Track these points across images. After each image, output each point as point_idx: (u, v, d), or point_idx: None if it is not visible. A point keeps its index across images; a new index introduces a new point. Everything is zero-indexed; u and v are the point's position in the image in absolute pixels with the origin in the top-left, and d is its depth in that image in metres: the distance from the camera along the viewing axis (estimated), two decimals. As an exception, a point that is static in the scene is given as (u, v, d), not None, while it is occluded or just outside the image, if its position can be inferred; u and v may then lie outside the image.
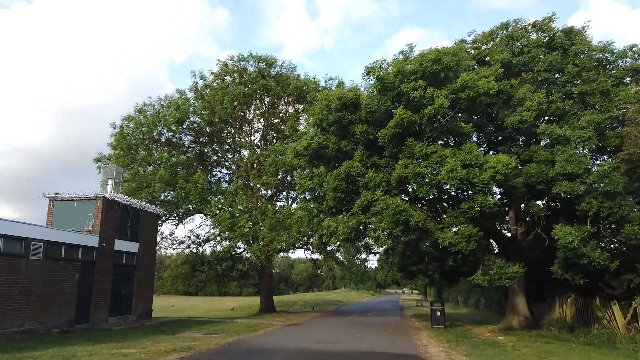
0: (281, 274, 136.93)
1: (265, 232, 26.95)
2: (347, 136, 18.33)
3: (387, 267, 79.06)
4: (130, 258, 24.29)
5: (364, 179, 16.93)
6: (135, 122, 31.55)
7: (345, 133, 18.25)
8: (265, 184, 29.07)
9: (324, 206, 18.53)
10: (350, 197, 17.91)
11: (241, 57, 31.65)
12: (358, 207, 16.74)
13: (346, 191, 17.81)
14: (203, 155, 35.02)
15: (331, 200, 17.85)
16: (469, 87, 15.55)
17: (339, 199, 17.82)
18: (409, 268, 28.03)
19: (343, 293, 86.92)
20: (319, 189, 18.48)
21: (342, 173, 17.34)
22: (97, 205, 21.97)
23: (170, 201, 29.69)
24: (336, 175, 17.61)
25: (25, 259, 17.29)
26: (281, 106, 33.78)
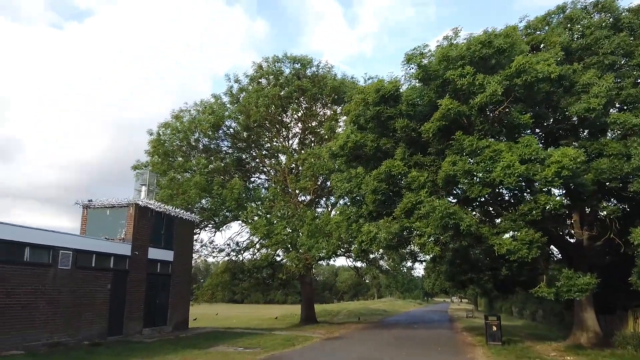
0: (325, 282, 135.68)
1: (304, 239, 25.61)
2: (387, 133, 16.71)
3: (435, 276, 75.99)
4: (165, 267, 23.53)
5: (406, 179, 15.26)
6: (171, 129, 31.15)
7: (385, 129, 16.64)
8: (302, 189, 27.79)
9: (363, 210, 16.95)
10: (391, 199, 16.26)
11: (276, 59, 30.66)
12: (400, 210, 15.07)
13: (387, 193, 16.18)
14: (241, 161, 34.23)
15: (370, 204, 16.26)
16: (525, 71, 13.60)
17: (379, 202, 16.20)
18: (459, 277, 25.89)
19: (389, 302, 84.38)
20: (357, 192, 16.93)
21: (382, 173, 15.72)
22: (130, 212, 21.31)
23: (206, 208, 28.93)
24: (375, 176, 16.01)
25: (53, 268, 16.68)
26: (318, 108, 32.52)
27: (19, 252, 15.42)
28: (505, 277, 23.09)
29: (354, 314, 46.76)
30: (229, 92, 30.91)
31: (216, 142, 33.11)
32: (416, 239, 14.65)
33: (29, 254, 15.74)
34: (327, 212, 25.47)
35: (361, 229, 16.32)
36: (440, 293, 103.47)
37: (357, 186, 16.87)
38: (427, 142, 15.84)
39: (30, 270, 15.75)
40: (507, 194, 17.07)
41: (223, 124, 30.82)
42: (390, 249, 16.17)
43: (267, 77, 30.59)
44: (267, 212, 27.63)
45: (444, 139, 15.14)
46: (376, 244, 15.96)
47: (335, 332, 24.93)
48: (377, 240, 15.68)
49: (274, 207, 28.60)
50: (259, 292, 42.92)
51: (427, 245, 14.48)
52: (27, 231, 15.78)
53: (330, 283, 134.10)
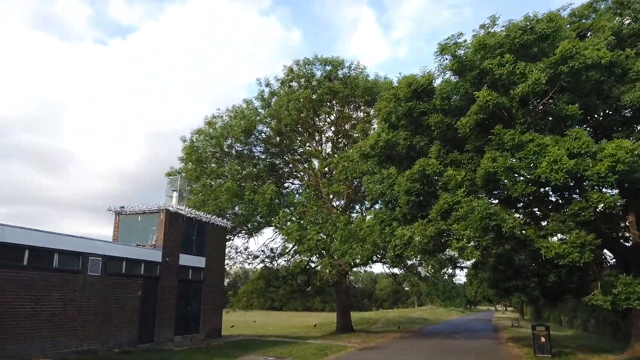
0: (364, 289, 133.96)
1: (337, 244, 24.79)
2: (420, 130, 15.74)
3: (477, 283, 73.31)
4: (197, 273, 23.24)
5: (442, 179, 14.26)
6: (204, 135, 31.10)
7: (418, 127, 15.69)
8: (335, 193, 27.02)
9: (397, 213, 16.00)
10: (426, 201, 15.25)
11: (307, 61, 30.13)
12: (436, 212, 14.07)
13: (421, 194, 15.19)
14: (274, 166, 33.84)
15: (404, 206, 15.30)
16: (572, 57, 12.37)
17: (414, 204, 15.22)
18: (503, 284, 24.38)
19: (429, 310, 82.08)
20: (390, 194, 16.00)
21: (416, 173, 14.76)
22: (160, 218, 21.13)
23: (238, 214, 28.60)
24: (409, 176, 15.06)
25: (83, 275, 16.55)
26: (351, 111, 31.74)
27: (47, 258, 15.36)
28: (553, 284, 21.50)
29: (392, 323, 45.41)
30: (260, 96, 30.58)
31: (249, 148, 32.85)
32: (454, 243, 13.58)
33: (58, 261, 15.66)
34: (361, 217, 24.54)
35: (395, 233, 15.37)
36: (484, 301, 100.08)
37: (389, 187, 15.95)
38: (463, 139, 14.78)
39: (59, 276, 15.65)
40: (553, 195, 15.77)
41: (254, 128, 30.49)
42: (426, 253, 15.14)
43: (299, 80, 30.08)
44: (300, 218, 27.00)
45: (482, 134, 14.05)
46: (411, 249, 14.97)
47: (371, 342, 23.92)
48: (411, 245, 14.70)
49: (306, 212, 27.95)
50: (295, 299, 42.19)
51: (467, 249, 13.39)
52: (55, 237, 15.71)
53: (369, 290, 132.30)
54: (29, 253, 14.69)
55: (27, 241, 14.60)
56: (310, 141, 32.25)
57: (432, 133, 15.46)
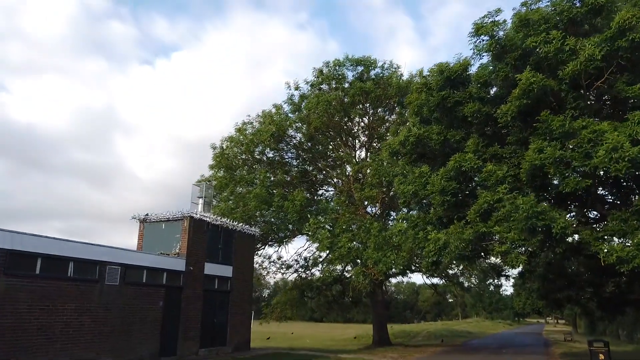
0: (406, 301, 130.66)
1: (370, 252, 23.31)
2: (455, 123, 14.21)
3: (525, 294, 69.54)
4: (223, 283, 22.29)
5: (480, 175, 12.69)
6: (234, 142, 30.43)
7: (453, 118, 14.17)
8: (368, 198, 25.59)
9: (431, 215, 14.48)
10: (463, 201, 13.68)
11: (337, 62, 28.99)
12: (475, 212, 12.50)
13: (458, 193, 13.64)
14: (306, 173, 32.78)
15: (438, 207, 13.77)
16: (632, 28, 10.63)
17: (449, 205, 13.67)
18: (553, 295, 22.21)
19: (475, 322, 78.50)
20: (423, 194, 14.50)
21: (451, 170, 13.26)
22: (184, 225, 20.34)
23: (267, 221, 27.61)
24: (443, 173, 13.56)
25: (100, 284, 15.84)
26: (384, 113, 30.33)
27: (61, 267, 14.69)
28: (611, 294, 19.28)
29: (434, 336, 43.15)
30: (290, 100, 29.62)
31: (280, 154, 31.97)
32: (496, 247, 11.96)
33: (73, 269, 14.98)
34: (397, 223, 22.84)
35: (428, 238, 13.85)
36: (533, 313, 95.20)
37: (422, 187, 14.46)
38: (504, 130, 13.17)
39: (74, 286, 14.96)
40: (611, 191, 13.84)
41: (285, 133, 29.55)
42: (465, 260, 13.54)
43: (329, 83, 28.95)
44: (331, 224, 25.70)
45: (526, 123, 12.42)
46: (446, 254, 13.40)
47: (408, 357, 22.22)
48: (447, 250, 13.14)
49: (338, 219, 26.63)
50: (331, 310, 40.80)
51: (511, 254, 11.74)
52: (70, 245, 15.07)
53: (411, 302, 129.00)
54: (42, 261, 14.07)
55: (39, 249, 13.97)
56: (343, 146, 31.01)
57: (469, 126, 13.91)
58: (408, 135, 14.62)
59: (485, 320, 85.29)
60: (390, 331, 43.45)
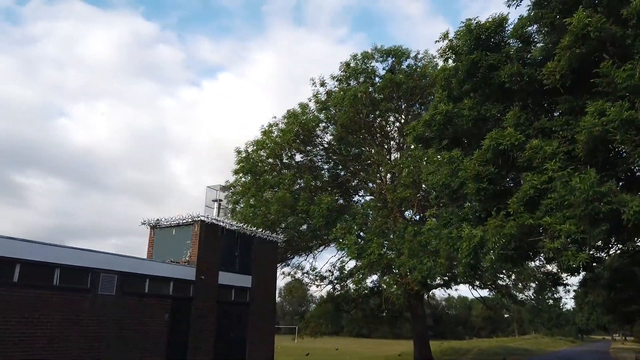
0: (458, 316, 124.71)
1: (404, 259, 20.75)
2: (490, 94, 11.68)
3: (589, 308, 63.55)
4: (241, 294, 20.33)
5: (523, 154, 10.09)
6: (260, 145, 28.73)
7: (487, 90, 11.65)
8: (401, 200, 23.03)
9: (466, 210, 11.92)
10: (503, 188, 11.08)
11: (365, 55, 26.77)
12: (518, 201, 9.91)
13: (496, 180, 11.06)
14: (338, 177, 30.61)
15: (473, 197, 11.23)
16: None
17: (486, 194, 11.09)
18: (622, 308, 18.79)
19: (533, 339, 72.79)
20: (455, 183, 11.97)
21: (488, 150, 10.74)
22: (194, 230, 18.62)
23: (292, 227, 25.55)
24: (478, 156, 11.05)
25: (92, 294, 14.23)
26: (419, 109, 27.77)
27: (45, 275, 13.15)
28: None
29: (486, 354, 39.43)
30: (315, 97, 27.59)
31: (309, 158, 30.01)
32: (547, 244, 9.30)
33: (60, 278, 13.44)
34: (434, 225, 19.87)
35: (461, 236, 11.30)
36: (598, 329, 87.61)
37: (453, 175, 11.95)
38: (552, 98, 10.52)
39: (60, 296, 13.40)
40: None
41: (311, 133, 27.58)
42: (508, 262, 10.90)
43: (357, 77, 26.76)
44: (361, 229, 23.33)
45: (580, 86, 9.75)
46: (484, 255, 10.80)
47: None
48: (484, 249, 10.56)
49: (369, 223, 24.22)
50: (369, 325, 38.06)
51: (567, 252, 9.05)
52: (56, 250, 13.54)
53: (463, 317, 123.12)
54: (21, 268, 12.60)
55: (17, 254, 12.52)
56: (375, 145, 28.63)
57: (507, 96, 11.33)
58: (434, 113, 12.19)
59: (544, 337, 79.07)
60: (438, 348, 40.07)
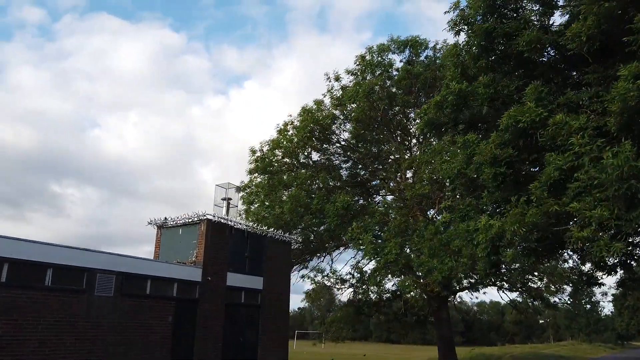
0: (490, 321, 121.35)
1: (424, 259, 19.45)
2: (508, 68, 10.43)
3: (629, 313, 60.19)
4: (252, 296, 19.45)
5: (546, 132, 8.83)
6: (275, 144, 27.87)
7: (504, 65, 10.41)
8: (420, 197, 21.71)
9: (484, 200, 10.66)
10: (524, 170, 9.82)
11: (382, 47, 25.54)
12: (541, 185, 8.65)
13: (516, 164, 9.81)
14: (356, 176, 29.48)
15: (490, 184, 9.98)
16: None
17: (504, 180, 9.84)
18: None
19: (569, 345, 69.45)
20: (470, 171, 10.74)
21: (505, 130, 9.52)
22: (201, 230, 17.87)
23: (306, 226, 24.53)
24: (494, 139, 9.83)
25: (88, 295, 13.57)
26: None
27: (36, 275, 12.56)
28: None
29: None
30: (329, 92, 26.52)
31: (326, 157, 29.00)
32: (575, 232, 8.02)
33: (52, 278, 12.82)
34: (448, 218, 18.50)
35: (478, 228, 10.07)
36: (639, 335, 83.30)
37: (468, 161, 10.73)
38: (579, 67, 9.22)
39: (53, 297, 12.78)
40: None
41: (326, 130, 26.57)
42: (532, 255, 9.58)
43: (373, 71, 25.57)
44: (379, 229, 22.12)
45: (610, 51, 8.44)
46: (505, 247, 9.54)
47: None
48: (503, 241, 9.31)
49: (388, 222, 22.99)
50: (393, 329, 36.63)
51: (599, 242, 7.75)
52: (48, 249, 12.94)
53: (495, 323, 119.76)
54: (9, 268, 12.01)
55: (5, 253, 11.95)
56: (393, 142, 27.37)
57: (527, 70, 10.06)
58: (446, 93, 11.01)
59: (582, 344, 75.43)
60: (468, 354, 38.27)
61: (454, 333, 65.20)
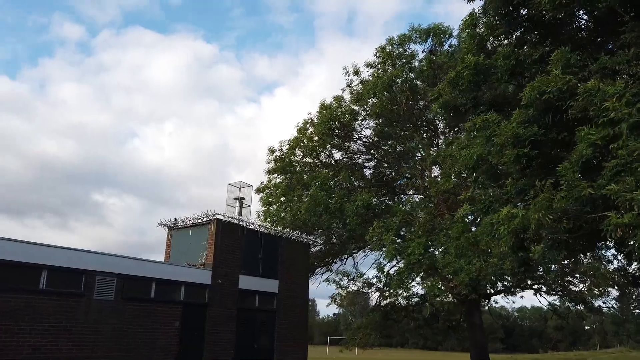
0: (532, 327, 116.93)
1: (450, 258, 18.06)
2: (531, 35, 9.08)
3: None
4: (267, 300, 18.48)
5: (577, 103, 7.48)
6: (295, 143, 26.96)
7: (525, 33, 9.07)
8: (445, 193, 20.23)
9: (508, 187, 9.31)
10: (552, 152, 8.45)
11: (403, 38, 24.18)
12: (572, 165, 7.31)
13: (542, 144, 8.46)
14: (382, 175, 28.19)
15: (512, 167, 8.66)
16: None
17: (529, 163, 8.51)
18: None
19: (617, 353, 65.35)
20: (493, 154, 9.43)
21: (529, 104, 8.22)
22: (210, 230, 17.07)
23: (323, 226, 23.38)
24: (517, 116, 8.53)
25: (86, 299, 12.91)
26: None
27: (30, 277, 11.97)
28: None
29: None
30: (349, 87, 25.37)
31: (349, 155, 27.89)
32: (613, 218, 6.65)
33: (47, 280, 12.22)
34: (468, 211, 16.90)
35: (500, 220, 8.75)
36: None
37: (487, 143, 9.43)
38: (613, 27, 7.82)
39: (48, 301, 12.16)
40: None
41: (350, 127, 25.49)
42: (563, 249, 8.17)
43: (394, 63, 24.27)
44: (400, 228, 20.77)
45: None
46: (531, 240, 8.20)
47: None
48: (529, 232, 7.98)
49: (413, 221, 21.62)
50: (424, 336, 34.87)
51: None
52: (42, 250, 12.35)
53: (538, 329, 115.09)
54: (0, 269, 11.47)
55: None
56: (419, 138, 25.94)
57: (552, 36, 8.70)
58: (462, 68, 9.75)
59: (631, 351, 70.98)
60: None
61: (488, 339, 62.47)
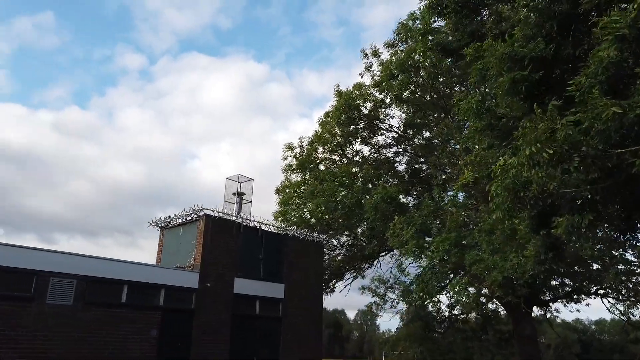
0: (612, 342, 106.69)
1: (483, 255, 15.08)
2: None
3: None
4: (270, 307, 16.26)
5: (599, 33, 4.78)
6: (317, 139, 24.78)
7: None
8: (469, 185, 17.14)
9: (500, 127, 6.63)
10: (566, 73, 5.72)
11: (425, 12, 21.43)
12: (589, 77, 4.61)
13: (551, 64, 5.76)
14: (418, 172, 25.33)
15: (508, 96, 6.00)
16: None
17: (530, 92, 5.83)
18: None
19: None
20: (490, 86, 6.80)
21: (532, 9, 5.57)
22: (199, 228, 15.19)
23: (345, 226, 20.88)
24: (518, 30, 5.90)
25: (37, 303, 11.27)
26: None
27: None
28: None
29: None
30: (367, 69, 22.76)
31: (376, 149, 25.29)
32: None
33: (-13, 282, 10.73)
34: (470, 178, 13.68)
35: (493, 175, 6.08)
36: None
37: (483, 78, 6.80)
38: None
39: (-11, 304, 10.67)
40: None
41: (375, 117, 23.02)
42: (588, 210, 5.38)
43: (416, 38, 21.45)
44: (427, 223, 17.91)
45: None
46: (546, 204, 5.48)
47: None
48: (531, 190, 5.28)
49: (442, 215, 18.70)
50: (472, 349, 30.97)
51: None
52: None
53: (619, 343, 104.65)
54: None
55: None
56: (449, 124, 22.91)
57: None
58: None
59: None
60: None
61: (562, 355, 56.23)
